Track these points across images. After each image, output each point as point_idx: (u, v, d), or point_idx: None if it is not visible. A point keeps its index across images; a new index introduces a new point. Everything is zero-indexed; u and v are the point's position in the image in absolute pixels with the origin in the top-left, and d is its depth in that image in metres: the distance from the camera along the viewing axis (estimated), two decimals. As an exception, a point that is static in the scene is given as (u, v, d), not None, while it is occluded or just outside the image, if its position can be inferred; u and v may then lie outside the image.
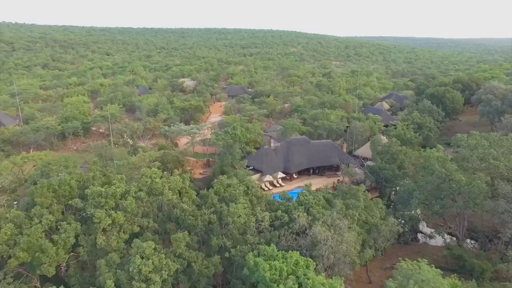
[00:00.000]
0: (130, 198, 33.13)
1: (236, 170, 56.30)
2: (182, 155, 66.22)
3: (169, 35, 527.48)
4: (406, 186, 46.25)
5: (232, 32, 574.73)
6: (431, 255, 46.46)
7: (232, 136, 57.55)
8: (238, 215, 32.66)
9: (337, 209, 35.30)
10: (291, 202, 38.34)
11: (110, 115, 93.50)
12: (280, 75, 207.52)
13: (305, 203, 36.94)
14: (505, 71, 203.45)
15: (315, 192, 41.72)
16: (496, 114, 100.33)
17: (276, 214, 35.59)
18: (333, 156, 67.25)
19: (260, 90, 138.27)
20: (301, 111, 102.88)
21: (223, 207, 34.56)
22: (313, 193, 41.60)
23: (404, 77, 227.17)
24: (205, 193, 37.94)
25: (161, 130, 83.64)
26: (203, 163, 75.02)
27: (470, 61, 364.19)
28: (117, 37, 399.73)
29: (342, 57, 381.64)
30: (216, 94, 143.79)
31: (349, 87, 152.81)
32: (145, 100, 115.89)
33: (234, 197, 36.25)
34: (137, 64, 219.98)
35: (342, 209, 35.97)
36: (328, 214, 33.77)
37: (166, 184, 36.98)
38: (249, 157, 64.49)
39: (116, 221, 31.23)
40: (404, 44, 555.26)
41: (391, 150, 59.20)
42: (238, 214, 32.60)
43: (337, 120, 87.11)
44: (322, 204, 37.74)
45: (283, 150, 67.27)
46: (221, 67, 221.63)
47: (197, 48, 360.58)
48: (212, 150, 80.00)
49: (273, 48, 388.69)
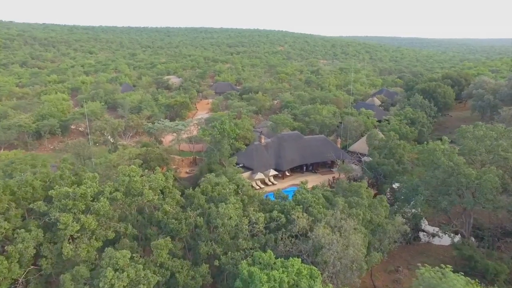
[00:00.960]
0: (103, 199, 28.56)
1: (224, 168, 52.11)
2: (167, 153, 61.67)
3: (155, 34, 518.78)
4: (410, 182, 42.77)
5: (219, 31, 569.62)
6: (437, 255, 43.17)
7: (220, 131, 53.29)
8: (228, 217, 28.49)
9: (340, 208, 31.46)
10: (287, 201, 34.33)
11: (91, 113, 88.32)
12: (268, 73, 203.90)
13: (303, 202, 32.98)
14: (489, 68, 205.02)
15: (313, 190, 37.80)
16: (488, 108, 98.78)
17: (271, 215, 31.53)
18: (327, 152, 63.61)
19: (248, 86, 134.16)
20: (291, 107, 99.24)
21: (211, 208, 30.35)
22: (310, 191, 37.76)
23: (391, 75, 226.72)
24: (190, 193, 33.61)
25: (144, 127, 78.76)
26: (189, 162, 70.53)
27: (453, 59, 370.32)
28: (101, 36, 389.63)
29: (329, 55, 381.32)
30: (202, 91, 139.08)
31: (338, 83, 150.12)
32: (128, 97, 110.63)
33: (224, 196, 32.04)
34: (121, 62, 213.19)
35: (344, 208, 32.15)
36: (330, 214, 29.87)
37: (146, 183, 32.52)
38: (238, 154, 60.37)
39: (86, 227, 26.63)
40: (389, 44, 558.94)
41: (389, 144, 55.92)
42: (229, 216, 28.43)
43: (330, 115, 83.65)
44: (321, 203, 33.87)
45: (275, 146, 63.35)
46: (207, 65, 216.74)
47: (183, 47, 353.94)
48: (199, 147, 75.59)
49: (260, 47, 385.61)
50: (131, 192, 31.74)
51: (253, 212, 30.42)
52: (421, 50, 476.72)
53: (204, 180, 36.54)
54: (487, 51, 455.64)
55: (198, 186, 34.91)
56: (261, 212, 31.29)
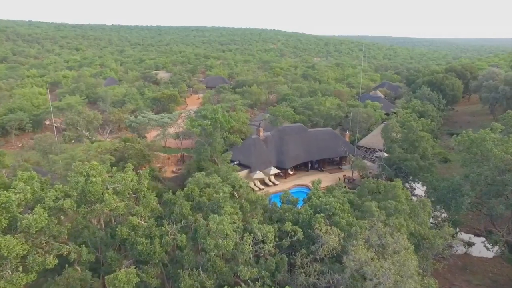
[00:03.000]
0: (38, 209, 19.47)
1: (217, 166, 43.23)
2: (149, 149, 52.56)
3: (145, 32, 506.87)
4: (450, 181, 34.22)
5: (210, 30, 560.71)
6: (484, 272, 34.64)
7: (212, 121, 44.29)
8: (223, 234, 19.61)
9: (376, 217, 22.80)
10: (302, 207, 25.56)
11: (67, 106, 78.79)
12: (261, 68, 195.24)
13: (324, 209, 24.23)
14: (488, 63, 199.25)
15: (332, 192, 29.08)
16: (504, 100, 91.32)
17: (282, 228, 22.75)
18: (336, 147, 55.12)
19: (241, 80, 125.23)
20: (290, 100, 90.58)
21: (198, 220, 21.45)
22: (326, 192, 29.10)
23: (388, 71, 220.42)
24: (169, 198, 24.59)
25: (126, 121, 69.38)
26: (176, 159, 61.46)
27: (446, 57, 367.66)
28: (89, 33, 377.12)
29: (322, 53, 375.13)
30: (193, 85, 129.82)
31: (337, 77, 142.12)
32: (111, 90, 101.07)
33: (216, 203, 23.11)
34: (108, 58, 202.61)
35: (380, 216, 23.50)
36: (368, 226, 21.17)
37: (110, 185, 23.52)
38: (233, 149, 51.46)
39: (6, 253, 17.59)
40: (381, 43, 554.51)
41: (411, 136, 47.53)
42: (224, 233, 19.56)
43: (334, 107, 75.24)
44: (347, 209, 25.19)
45: (275, 141, 54.57)
46: (199, 60, 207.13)
47: (174, 45, 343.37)
48: (188, 143, 66.58)
49: (253, 45, 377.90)
50: (87, 198, 22.71)
51: (257, 225, 21.51)
52: (414, 49, 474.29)
53: (191, 180, 27.64)
54: (477, 50, 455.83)
55: (182, 190, 25.93)
56: (268, 225, 22.36)
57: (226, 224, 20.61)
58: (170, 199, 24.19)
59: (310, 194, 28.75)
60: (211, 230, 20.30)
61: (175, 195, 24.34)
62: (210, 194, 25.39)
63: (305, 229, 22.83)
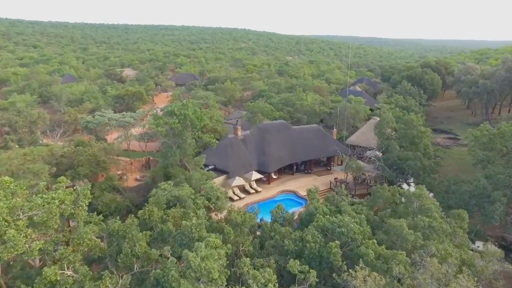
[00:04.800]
0: None
1: (188, 172, 35.66)
2: (107, 154, 44.09)
3: (111, 31, 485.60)
4: (473, 184, 28.31)
5: (180, 28, 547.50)
6: None
7: (181, 118, 36.56)
8: (208, 277, 12.29)
9: (411, 242, 16.17)
10: (308, 231, 18.55)
11: (11, 106, 68.18)
12: (233, 66, 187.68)
13: (340, 233, 17.36)
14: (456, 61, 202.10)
15: (341, 203, 22.29)
16: (485, 94, 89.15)
17: (288, 267, 15.63)
18: (324, 146, 48.84)
19: (213, 76, 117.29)
20: (267, 96, 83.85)
21: (162, 263, 13.96)
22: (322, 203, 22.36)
23: (359, 68, 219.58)
24: (115, 229, 16.82)
25: (81, 122, 60.05)
26: (141, 165, 53.14)
27: (413, 56, 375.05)
28: (48, 30, 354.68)
29: (294, 52, 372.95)
30: (161, 83, 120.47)
31: (313, 73, 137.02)
32: (68, 88, 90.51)
33: (187, 234, 15.63)
34: (69, 56, 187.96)
35: (415, 241, 16.92)
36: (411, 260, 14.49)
37: (24, 213, 15.56)
38: (207, 151, 43.96)
39: None
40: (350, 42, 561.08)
41: (411, 132, 41.88)
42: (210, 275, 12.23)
43: (317, 102, 69.16)
44: (368, 233, 18.46)
45: (256, 141, 47.49)
46: (168, 58, 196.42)
47: (142, 43, 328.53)
48: (155, 146, 58.44)
49: (224, 43, 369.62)
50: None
51: (251, 271, 14.23)
52: (382, 48, 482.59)
53: (151, 199, 20.01)
54: (440, 50, 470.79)
55: (135, 217, 18.16)
56: (267, 266, 15.13)
57: (212, 259, 13.26)
58: (116, 231, 16.45)
59: (312, 209, 21.82)
60: (191, 268, 12.91)
61: (124, 224, 16.61)
62: (177, 216, 17.88)
63: (316, 266, 15.86)
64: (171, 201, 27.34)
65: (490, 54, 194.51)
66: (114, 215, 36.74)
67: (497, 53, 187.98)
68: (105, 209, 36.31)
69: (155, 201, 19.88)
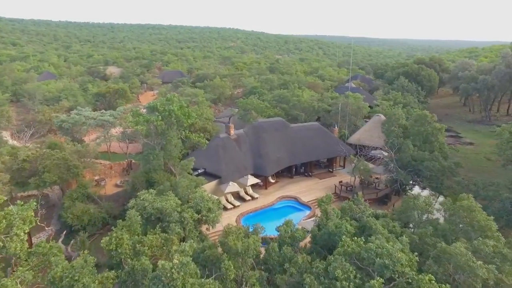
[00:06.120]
0: None
1: (174, 178, 30.44)
2: (80, 157, 38.49)
3: (97, 29, 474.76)
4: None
5: (167, 28, 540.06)
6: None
7: (165, 114, 31.26)
8: None
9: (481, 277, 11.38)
10: (337, 265, 13.58)
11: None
12: (222, 64, 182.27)
13: (382, 266, 12.46)
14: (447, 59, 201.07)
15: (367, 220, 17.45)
16: (485, 90, 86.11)
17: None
18: (326, 146, 44.12)
19: (202, 74, 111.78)
20: (259, 93, 78.86)
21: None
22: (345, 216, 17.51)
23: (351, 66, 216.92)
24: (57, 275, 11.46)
25: (55, 121, 54.08)
26: (122, 168, 47.60)
27: (401, 55, 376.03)
28: (30, 28, 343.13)
29: (283, 51, 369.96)
30: (147, 80, 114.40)
31: (306, 70, 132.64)
32: (45, 85, 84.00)
33: (167, 282, 10.52)
34: (50, 53, 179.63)
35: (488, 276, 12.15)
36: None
37: None
38: (196, 153, 38.76)
39: None
40: (339, 42, 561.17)
41: (426, 130, 37.41)
42: None
43: (314, 99, 64.54)
44: (414, 263, 13.57)
45: (250, 140, 42.43)
46: (155, 56, 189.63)
47: (128, 42, 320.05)
48: (139, 148, 53.03)
49: (212, 42, 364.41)
50: None
51: None
52: (370, 47, 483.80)
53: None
54: (426, 50, 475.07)
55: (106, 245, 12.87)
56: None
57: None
58: (60, 279, 11.17)
59: (331, 228, 16.90)
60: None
61: (73, 267, 11.33)
62: (156, 245, 12.72)
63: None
64: (152, 214, 22.33)
65: (478, 53, 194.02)
66: (88, 229, 31.42)
67: (485, 52, 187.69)
68: (75, 222, 30.90)
69: (126, 223, 14.73)
